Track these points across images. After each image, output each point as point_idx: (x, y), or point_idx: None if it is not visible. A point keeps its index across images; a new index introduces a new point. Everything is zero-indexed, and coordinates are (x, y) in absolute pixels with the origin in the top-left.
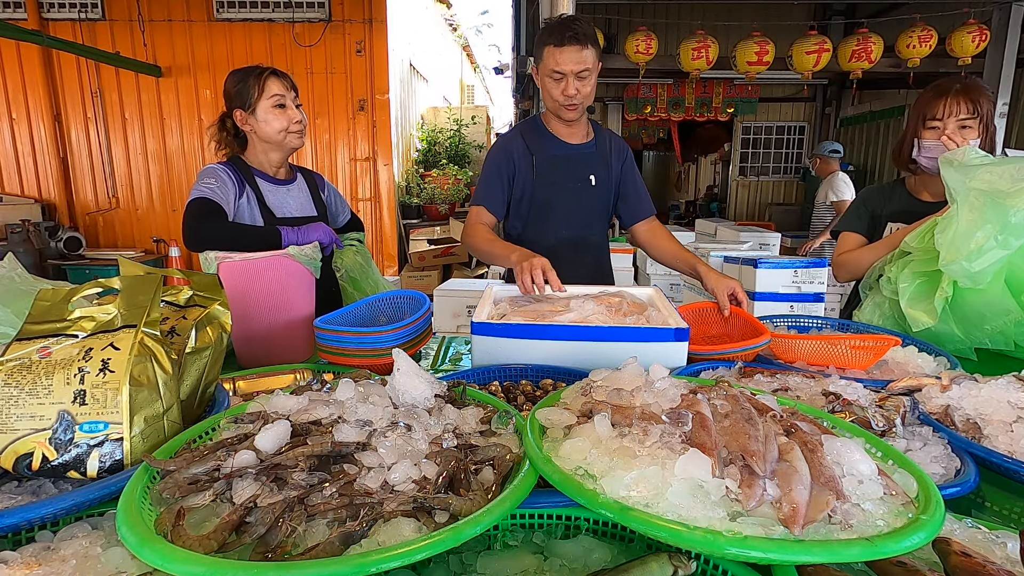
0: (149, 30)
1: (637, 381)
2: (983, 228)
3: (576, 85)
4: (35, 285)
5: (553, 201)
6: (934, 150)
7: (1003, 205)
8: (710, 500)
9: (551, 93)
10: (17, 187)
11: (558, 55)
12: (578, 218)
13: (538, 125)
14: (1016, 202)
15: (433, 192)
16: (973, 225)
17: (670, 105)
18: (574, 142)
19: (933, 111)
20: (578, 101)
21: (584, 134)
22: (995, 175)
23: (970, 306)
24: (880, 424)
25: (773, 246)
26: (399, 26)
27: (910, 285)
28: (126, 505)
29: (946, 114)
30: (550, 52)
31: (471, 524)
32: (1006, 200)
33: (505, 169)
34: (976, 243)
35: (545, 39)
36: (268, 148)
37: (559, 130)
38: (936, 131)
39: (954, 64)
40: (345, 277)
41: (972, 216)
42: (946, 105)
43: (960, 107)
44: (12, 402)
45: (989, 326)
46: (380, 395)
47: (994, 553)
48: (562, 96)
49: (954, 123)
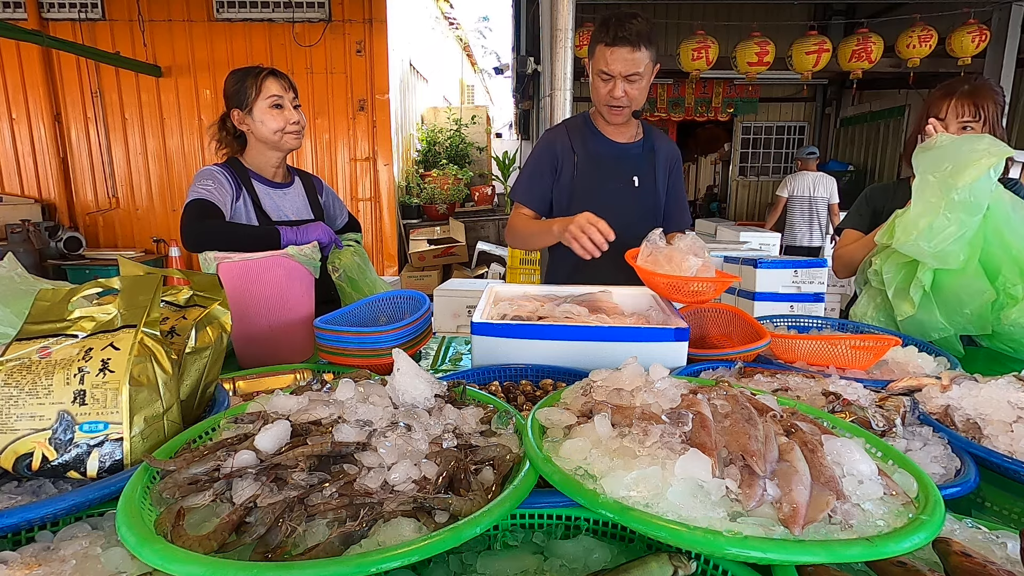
0: (149, 30)
1: (637, 381)
2: (929, 207)
3: (624, 87)
4: (35, 285)
5: (593, 201)
6: None
7: (945, 183)
8: (710, 500)
9: (598, 92)
10: (17, 187)
11: (608, 55)
12: (619, 220)
13: (586, 121)
14: (956, 181)
15: (433, 192)
16: (921, 206)
17: (670, 105)
18: (621, 141)
19: (937, 110)
20: (624, 104)
21: (633, 134)
22: (941, 155)
23: (949, 290)
24: (880, 424)
25: (773, 246)
26: (399, 26)
27: (894, 276)
28: (126, 505)
29: (949, 114)
30: (600, 51)
31: (471, 524)
32: (948, 179)
33: (548, 165)
34: (925, 222)
35: (598, 36)
36: (265, 148)
37: (606, 128)
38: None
39: (954, 64)
40: (343, 278)
41: (919, 197)
42: (950, 106)
43: (964, 109)
44: (12, 402)
45: (968, 310)
46: (380, 395)
47: (994, 553)
48: (607, 97)
49: (956, 124)
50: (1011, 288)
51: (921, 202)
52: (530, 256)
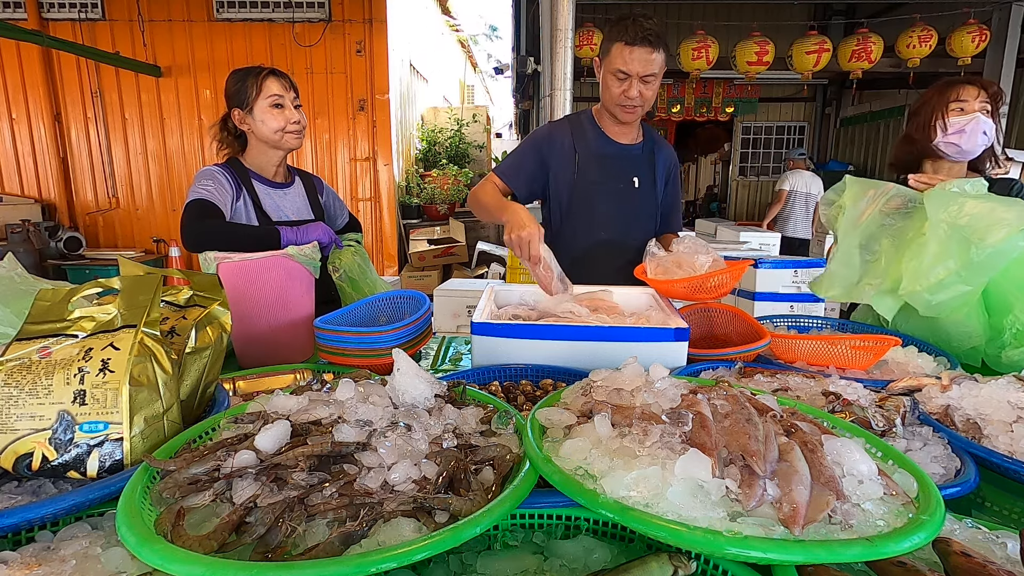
0: (149, 30)
1: (637, 381)
2: (945, 262)
3: (640, 88)
4: (35, 285)
5: (593, 201)
6: (967, 124)
7: (968, 241)
8: (710, 500)
9: (611, 91)
10: (17, 187)
11: (627, 54)
12: (618, 221)
13: (589, 119)
14: (982, 240)
15: (433, 192)
16: (937, 258)
17: (670, 105)
18: (623, 141)
19: (953, 96)
20: (638, 104)
21: (635, 135)
22: (969, 210)
23: (939, 324)
24: (880, 424)
25: (773, 246)
26: (399, 26)
27: None
28: (126, 505)
29: (968, 96)
30: (619, 50)
31: (471, 524)
32: (972, 236)
33: (540, 154)
34: (936, 276)
35: (616, 35)
36: (266, 148)
37: (609, 127)
38: (962, 113)
39: (954, 64)
40: (343, 278)
41: (937, 249)
42: (965, 90)
43: (978, 93)
44: (12, 402)
45: (955, 344)
46: (380, 395)
47: (994, 553)
48: (622, 97)
49: (978, 104)
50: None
51: (935, 254)
52: None
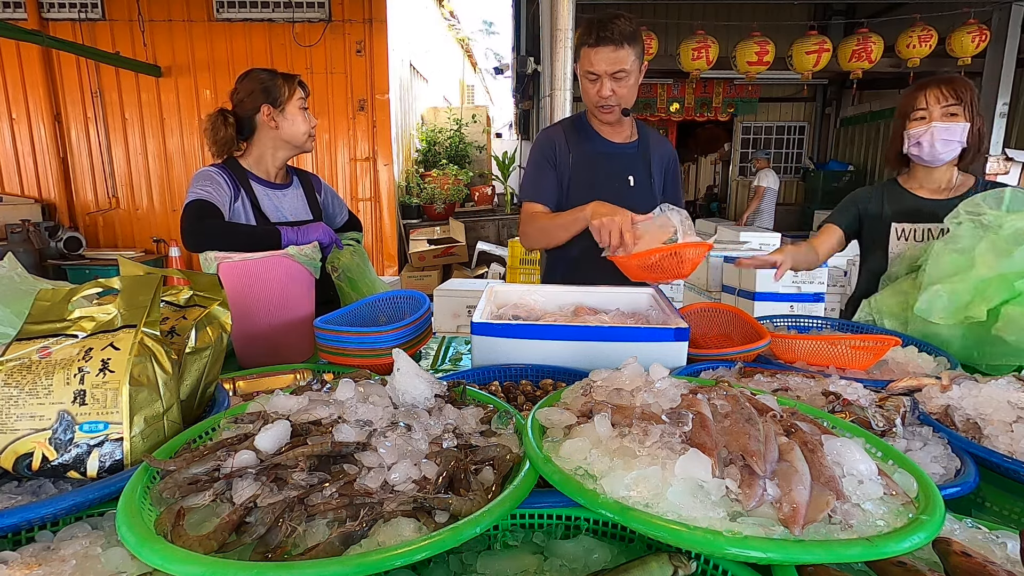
0: (149, 30)
1: (637, 381)
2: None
3: (611, 86)
4: (35, 285)
5: (588, 201)
6: (923, 136)
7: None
8: (710, 500)
9: (588, 93)
10: (17, 187)
11: (592, 55)
12: None
13: (582, 121)
14: None
15: (433, 192)
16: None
17: (669, 105)
18: (616, 141)
19: (916, 103)
20: (613, 103)
21: (628, 134)
22: None
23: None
24: (880, 424)
25: (773, 246)
26: (399, 26)
27: None
28: (126, 505)
29: (930, 103)
30: (585, 52)
31: (471, 524)
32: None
33: (549, 160)
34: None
35: (582, 38)
36: (283, 147)
37: (601, 128)
38: (923, 121)
39: (954, 64)
40: (343, 277)
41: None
42: (927, 95)
43: (943, 96)
44: (12, 402)
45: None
46: (380, 395)
47: (994, 553)
48: (596, 97)
49: (939, 110)
50: None
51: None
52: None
